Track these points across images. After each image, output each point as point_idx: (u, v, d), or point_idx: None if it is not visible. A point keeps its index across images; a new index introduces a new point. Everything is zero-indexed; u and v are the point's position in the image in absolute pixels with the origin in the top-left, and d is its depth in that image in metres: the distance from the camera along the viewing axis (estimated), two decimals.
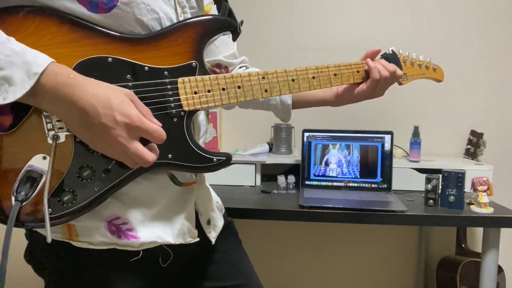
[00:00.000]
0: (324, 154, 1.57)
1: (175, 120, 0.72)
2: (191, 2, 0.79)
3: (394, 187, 1.53)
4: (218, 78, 0.75)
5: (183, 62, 0.72)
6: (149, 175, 0.73)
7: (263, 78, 0.80)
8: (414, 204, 1.37)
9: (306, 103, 1.08)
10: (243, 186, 1.62)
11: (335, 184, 1.57)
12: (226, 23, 0.76)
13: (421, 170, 1.56)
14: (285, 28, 1.92)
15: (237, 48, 0.99)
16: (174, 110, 0.71)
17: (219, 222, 0.92)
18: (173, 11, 0.74)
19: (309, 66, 0.85)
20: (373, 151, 1.55)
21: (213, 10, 0.87)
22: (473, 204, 1.33)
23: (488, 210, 1.27)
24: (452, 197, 1.31)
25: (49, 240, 0.62)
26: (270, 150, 1.84)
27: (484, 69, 1.85)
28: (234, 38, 0.80)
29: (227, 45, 0.96)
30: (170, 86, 0.70)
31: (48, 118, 0.63)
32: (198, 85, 0.73)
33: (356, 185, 1.56)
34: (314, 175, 1.58)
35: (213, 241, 0.88)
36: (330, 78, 0.88)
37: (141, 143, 0.61)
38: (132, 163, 0.63)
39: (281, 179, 1.55)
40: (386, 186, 1.53)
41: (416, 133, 1.65)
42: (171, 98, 0.70)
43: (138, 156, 0.61)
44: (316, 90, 1.03)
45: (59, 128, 0.64)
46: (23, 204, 0.62)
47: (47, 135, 0.64)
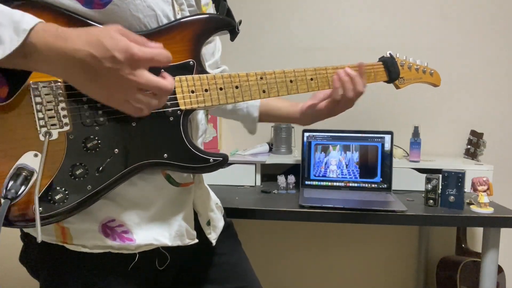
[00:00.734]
0: (324, 156, 1.57)
1: (171, 119, 0.70)
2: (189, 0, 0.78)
3: (394, 187, 1.53)
4: (216, 78, 0.74)
5: (180, 61, 0.71)
6: (144, 176, 0.72)
7: (261, 79, 0.79)
8: (414, 204, 1.37)
9: (272, 118, 1.08)
10: (243, 186, 1.62)
11: (335, 184, 1.57)
12: (224, 23, 0.75)
13: (421, 170, 1.56)
14: (285, 28, 1.91)
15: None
16: (170, 109, 0.70)
17: (219, 223, 0.90)
18: (170, 8, 0.72)
19: (307, 67, 0.85)
20: (373, 151, 1.55)
21: (210, 11, 0.85)
22: (473, 204, 1.33)
23: (488, 210, 1.27)
24: (452, 197, 1.31)
25: (39, 240, 0.60)
26: (270, 150, 1.84)
27: (484, 69, 1.85)
28: (232, 38, 0.79)
29: (212, 53, 0.94)
30: None
31: (41, 113, 0.62)
32: (195, 84, 0.72)
33: (356, 185, 1.55)
34: (314, 175, 1.58)
35: (213, 242, 0.87)
36: (328, 80, 0.87)
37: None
38: (149, 103, 0.59)
39: (281, 179, 1.55)
40: (386, 186, 1.53)
41: (416, 133, 1.65)
42: (168, 97, 0.69)
43: (154, 86, 0.57)
44: (283, 105, 1.05)
45: (52, 124, 0.63)
46: (13, 202, 0.60)
47: (39, 132, 0.62)
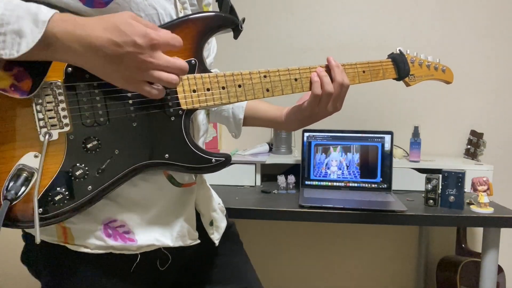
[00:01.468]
0: (325, 157, 1.57)
1: (173, 119, 0.70)
2: None
3: (394, 187, 1.53)
4: (218, 76, 0.73)
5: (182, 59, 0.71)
6: (146, 176, 0.72)
7: (265, 77, 0.77)
8: (414, 204, 1.37)
9: (258, 121, 1.01)
10: (243, 186, 1.62)
11: (335, 184, 1.57)
12: (227, 20, 0.73)
13: (421, 170, 1.56)
14: (285, 28, 1.92)
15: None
16: (171, 109, 0.69)
17: (222, 223, 0.90)
18: (172, 7, 0.72)
19: (312, 65, 0.82)
20: (373, 151, 1.55)
21: (211, 9, 0.84)
22: (473, 204, 1.33)
23: (488, 210, 1.27)
24: (452, 197, 1.31)
25: (38, 241, 0.60)
26: (270, 150, 1.84)
27: (484, 69, 1.85)
28: (235, 36, 0.78)
29: (207, 55, 0.91)
30: None
31: (41, 114, 0.62)
32: (197, 83, 0.71)
33: (356, 185, 1.55)
34: (314, 175, 1.58)
35: (216, 242, 0.86)
36: None
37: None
38: (169, 78, 0.60)
39: (281, 179, 1.55)
40: (386, 186, 1.53)
41: (416, 133, 1.65)
42: (169, 96, 0.68)
43: (172, 66, 0.59)
44: (270, 108, 0.98)
45: (52, 125, 0.63)
46: (13, 203, 0.60)
47: (39, 133, 0.62)
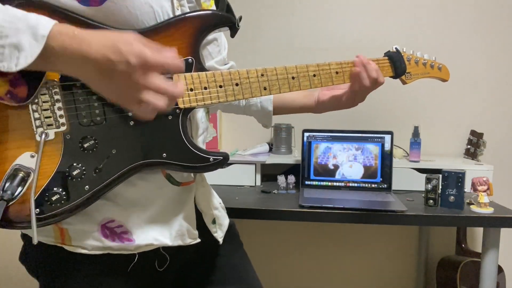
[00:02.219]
0: (326, 157, 1.57)
1: (170, 118, 0.69)
2: None
3: (394, 187, 1.53)
4: (215, 75, 0.73)
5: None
6: (144, 175, 0.71)
7: (262, 76, 0.77)
8: (414, 204, 1.37)
9: (287, 109, 1.06)
10: (243, 186, 1.62)
11: (335, 184, 1.57)
12: (224, 19, 0.73)
13: (421, 170, 1.56)
14: (285, 28, 1.92)
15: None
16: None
17: (225, 220, 0.89)
18: (169, 5, 0.71)
19: (309, 63, 0.83)
20: (373, 151, 1.55)
21: (208, 7, 0.83)
22: (473, 204, 1.33)
23: (488, 210, 1.27)
24: (452, 197, 1.31)
25: (35, 241, 0.60)
26: (270, 150, 1.84)
27: (484, 69, 1.85)
28: (232, 34, 0.78)
29: (219, 50, 0.93)
30: None
31: (37, 114, 0.62)
32: (194, 81, 0.71)
33: (356, 185, 1.55)
34: (314, 175, 1.58)
35: (220, 240, 0.85)
36: (331, 76, 0.85)
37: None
38: (162, 101, 0.59)
39: (281, 179, 1.55)
40: (386, 186, 1.53)
41: (416, 133, 1.65)
42: None
43: (163, 91, 0.58)
44: (297, 96, 1.03)
45: (48, 125, 0.62)
46: (10, 204, 0.60)
47: (36, 132, 0.62)
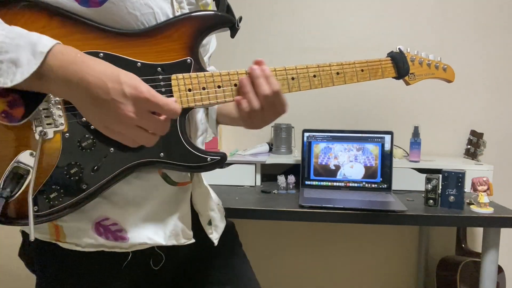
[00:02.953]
0: (326, 157, 1.57)
1: None
2: None
3: (394, 187, 1.53)
4: (214, 75, 0.72)
5: (178, 59, 0.70)
6: (140, 174, 0.72)
7: None
8: (414, 204, 1.37)
9: (227, 119, 0.96)
10: (243, 186, 1.62)
11: (335, 184, 1.57)
12: (223, 19, 0.73)
13: (421, 170, 1.56)
14: (285, 28, 1.92)
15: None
16: None
17: (221, 223, 0.89)
18: (169, 6, 0.72)
19: (310, 64, 0.82)
20: (373, 151, 1.55)
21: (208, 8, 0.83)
22: (473, 204, 1.33)
23: (488, 210, 1.27)
24: (452, 197, 1.31)
25: (32, 238, 0.61)
26: (270, 150, 1.84)
27: (484, 69, 1.85)
28: (232, 35, 0.78)
29: (203, 50, 0.89)
30: (163, 83, 0.68)
31: (36, 114, 0.62)
32: (192, 82, 0.71)
33: (356, 185, 1.55)
34: (314, 175, 1.58)
35: (215, 242, 0.86)
36: (332, 77, 0.83)
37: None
38: (145, 140, 0.61)
39: (281, 179, 1.55)
40: (386, 186, 1.53)
41: (416, 133, 1.65)
42: (164, 95, 0.68)
43: (152, 129, 0.59)
44: (234, 107, 0.89)
45: (47, 124, 0.63)
46: (9, 201, 0.61)
47: (35, 131, 0.63)
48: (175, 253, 0.79)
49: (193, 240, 0.80)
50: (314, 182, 1.58)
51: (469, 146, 1.78)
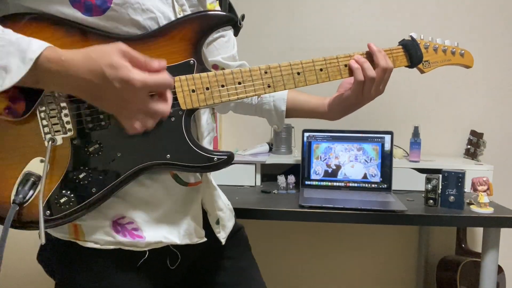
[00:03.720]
0: (326, 157, 1.57)
1: (173, 119, 0.70)
2: (192, 0, 0.77)
3: (394, 187, 1.53)
4: (217, 75, 0.73)
5: (180, 60, 0.70)
6: (152, 175, 0.73)
7: (266, 73, 0.76)
8: (414, 204, 1.36)
9: (300, 112, 1.00)
10: (243, 186, 1.62)
11: (335, 184, 1.57)
12: (224, 19, 0.73)
13: (421, 170, 1.56)
14: (285, 28, 1.91)
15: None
16: (171, 109, 0.69)
17: (229, 222, 0.90)
18: (170, 10, 0.72)
19: (316, 58, 0.79)
20: (373, 151, 1.55)
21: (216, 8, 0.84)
22: (473, 204, 1.33)
23: (488, 210, 1.27)
24: (452, 197, 1.31)
25: (42, 242, 0.62)
26: (270, 150, 1.84)
27: (484, 69, 1.85)
28: (235, 33, 0.78)
29: (227, 47, 0.93)
30: None
31: (45, 121, 0.64)
32: (195, 82, 0.71)
33: (356, 185, 1.55)
34: (314, 175, 1.58)
35: (223, 241, 0.86)
36: (340, 69, 0.80)
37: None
38: (150, 122, 0.63)
39: (281, 179, 1.55)
40: (386, 186, 1.53)
41: (416, 133, 1.65)
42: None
43: (151, 110, 0.62)
44: (311, 99, 0.97)
45: (56, 131, 0.65)
46: (23, 206, 0.63)
47: (44, 139, 0.65)
48: (189, 252, 0.80)
49: (205, 239, 0.81)
50: (314, 182, 1.58)
51: (469, 146, 1.78)
